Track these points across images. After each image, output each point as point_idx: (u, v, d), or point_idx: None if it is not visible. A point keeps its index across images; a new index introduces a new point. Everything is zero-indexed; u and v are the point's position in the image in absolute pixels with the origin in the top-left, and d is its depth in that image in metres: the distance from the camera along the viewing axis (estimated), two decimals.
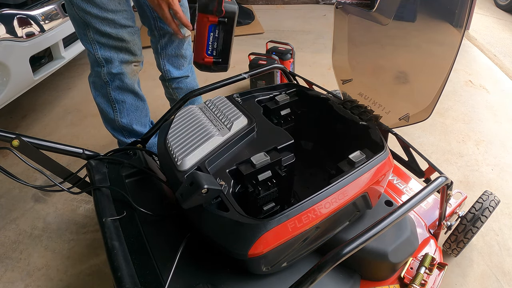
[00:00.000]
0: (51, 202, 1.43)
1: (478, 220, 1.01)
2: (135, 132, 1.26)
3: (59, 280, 1.14)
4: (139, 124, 1.25)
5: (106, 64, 1.10)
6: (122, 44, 1.08)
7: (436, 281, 0.83)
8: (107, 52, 1.08)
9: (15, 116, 1.99)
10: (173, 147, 0.73)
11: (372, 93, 0.94)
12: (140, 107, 1.24)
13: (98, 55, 1.08)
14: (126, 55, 1.11)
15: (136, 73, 1.19)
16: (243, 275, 0.64)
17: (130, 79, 1.16)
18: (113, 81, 1.14)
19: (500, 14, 3.85)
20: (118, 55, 1.09)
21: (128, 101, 1.20)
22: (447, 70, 0.75)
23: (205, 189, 0.55)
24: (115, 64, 1.10)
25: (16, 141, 0.68)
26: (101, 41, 1.06)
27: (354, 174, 0.65)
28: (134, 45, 1.11)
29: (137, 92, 1.21)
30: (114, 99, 1.18)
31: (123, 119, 1.22)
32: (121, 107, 1.20)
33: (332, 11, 1.01)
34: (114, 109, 1.20)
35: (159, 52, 1.29)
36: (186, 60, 1.34)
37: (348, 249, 0.54)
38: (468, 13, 0.72)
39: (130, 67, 1.14)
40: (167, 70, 1.32)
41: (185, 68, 1.36)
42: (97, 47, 1.07)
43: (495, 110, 1.97)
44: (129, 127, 1.24)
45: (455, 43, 0.73)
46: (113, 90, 1.16)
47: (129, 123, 1.23)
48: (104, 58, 1.09)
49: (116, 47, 1.08)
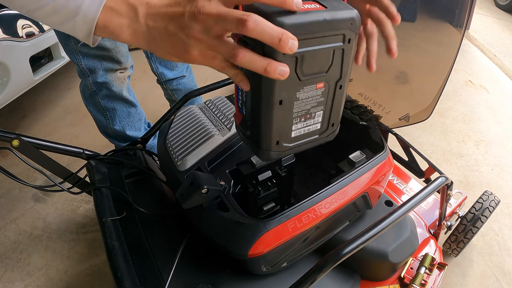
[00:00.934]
0: (51, 202, 1.43)
1: (478, 220, 1.01)
2: (129, 138, 1.24)
3: (59, 280, 1.14)
4: (132, 130, 1.24)
5: (91, 74, 1.08)
6: (104, 52, 1.05)
7: (436, 281, 0.83)
8: (90, 62, 1.06)
9: (15, 116, 1.99)
10: (173, 147, 0.73)
11: (372, 93, 0.94)
12: (132, 113, 1.22)
13: (82, 65, 1.06)
14: (110, 63, 1.08)
15: (124, 79, 1.16)
16: (243, 275, 0.64)
17: (118, 87, 1.14)
18: (100, 90, 1.12)
19: (500, 14, 3.85)
20: (101, 63, 1.07)
21: (119, 108, 1.18)
22: (447, 70, 0.75)
23: (205, 189, 0.55)
24: (99, 73, 1.08)
25: (16, 141, 0.68)
26: (83, 50, 1.03)
27: (354, 174, 0.65)
28: (117, 53, 1.07)
29: (127, 98, 1.19)
30: (104, 107, 1.16)
31: (116, 126, 1.20)
32: (112, 114, 1.18)
33: None
34: (105, 116, 1.18)
35: (149, 56, 1.28)
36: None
37: (348, 249, 0.54)
38: (468, 13, 0.72)
39: (115, 74, 1.12)
40: (161, 73, 1.31)
41: (179, 69, 1.34)
42: (80, 57, 1.05)
43: (495, 110, 1.97)
44: (122, 133, 1.22)
45: (455, 43, 0.73)
46: (102, 99, 1.14)
47: (122, 129, 1.22)
48: (88, 68, 1.06)
49: (99, 56, 1.05)
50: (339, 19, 0.45)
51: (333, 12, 0.44)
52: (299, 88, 0.48)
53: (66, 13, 0.42)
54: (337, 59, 0.48)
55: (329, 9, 0.44)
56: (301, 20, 0.41)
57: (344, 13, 0.45)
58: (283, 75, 0.40)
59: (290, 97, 0.48)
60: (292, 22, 0.41)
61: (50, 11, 0.42)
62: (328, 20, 0.44)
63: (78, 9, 0.42)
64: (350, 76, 0.55)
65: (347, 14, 0.46)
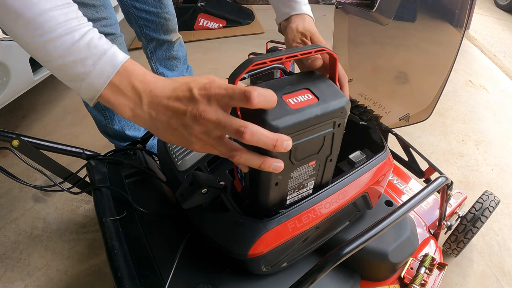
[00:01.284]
0: (51, 202, 1.43)
1: (478, 220, 1.01)
2: (129, 138, 1.24)
3: (59, 280, 1.14)
4: (131, 129, 1.24)
5: None
6: None
7: (436, 281, 0.83)
8: None
9: (15, 116, 1.99)
10: (173, 147, 0.73)
11: (372, 93, 0.94)
12: None
13: None
14: None
15: None
16: (243, 275, 0.64)
17: None
18: None
19: (500, 14, 3.85)
20: None
21: None
22: (447, 70, 0.75)
23: (205, 189, 0.55)
24: None
25: (16, 141, 0.68)
26: None
27: (354, 174, 0.65)
28: None
29: None
30: (103, 107, 1.15)
31: (115, 126, 1.20)
32: (112, 114, 1.18)
33: (332, 11, 1.01)
34: (105, 116, 1.18)
35: (150, 57, 1.28)
36: (180, 61, 1.33)
37: (348, 249, 0.54)
38: (468, 13, 0.72)
39: None
40: (161, 73, 1.31)
41: (179, 69, 1.34)
42: None
43: (495, 110, 1.97)
44: (122, 133, 1.22)
45: (455, 43, 0.73)
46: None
47: (121, 129, 1.21)
48: None
49: None
50: (330, 112, 0.47)
51: (324, 106, 0.47)
52: (293, 169, 0.51)
53: (73, 75, 0.43)
54: (328, 141, 0.51)
55: (321, 101, 0.47)
56: (294, 121, 0.44)
57: (334, 103, 0.48)
58: (278, 170, 0.43)
59: (285, 178, 0.51)
60: (286, 124, 0.43)
61: (57, 67, 0.43)
62: (319, 115, 0.46)
63: (85, 75, 0.42)
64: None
65: (337, 104, 0.48)
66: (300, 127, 0.45)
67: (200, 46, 2.84)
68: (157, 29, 1.21)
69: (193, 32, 3.04)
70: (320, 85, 0.49)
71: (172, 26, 1.25)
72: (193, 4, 3.01)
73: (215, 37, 2.99)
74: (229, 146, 0.42)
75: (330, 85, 0.50)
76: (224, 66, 2.50)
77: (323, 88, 0.49)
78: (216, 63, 2.54)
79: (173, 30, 1.26)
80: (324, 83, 0.50)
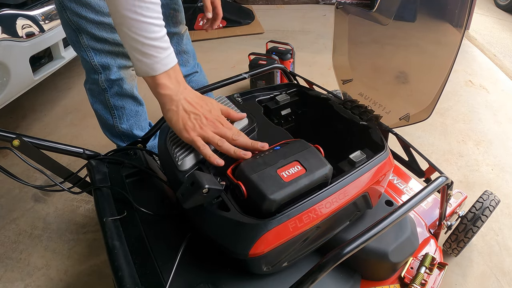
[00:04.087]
0: (51, 202, 1.43)
1: (478, 219, 1.01)
2: (135, 137, 1.22)
3: (59, 280, 1.14)
4: (139, 129, 1.22)
5: (104, 71, 1.05)
6: (119, 49, 1.03)
7: (436, 281, 0.83)
8: (104, 58, 1.03)
9: (15, 116, 1.99)
10: (173, 146, 0.73)
11: (373, 93, 0.94)
12: (139, 112, 1.21)
13: (94, 62, 1.03)
14: (124, 60, 1.06)
15: (135, 77, 1.15)
16: (244, 275, 0.64)
17: (129, 84, 1.12)
18: (111, 88, 1.10)
19: (500, 14, 3.86)
20: (115, 60, 1.05)
21: (128, 107, 1.16)
22: (447, 70, 0.75)
23: (206, 189, 0.55)
24: (113, 70, 1.06)
25: (16, 141, 0.68)
26: (97, 47, 1.01)
27: (354, 174, 0.65)
28: None
29: (136, 96, 1.18)
30: (113, 105, 1.14)
31: (123, 125, 1.18)
32: (120, 113, 1.16)
33: (332, 11, 1.01)
34: (113, 115, 1.17)
35: None
36: (190, 56, 1.32)
37: (349, 249, 0.54)
38: (468, 13, 0.72)
39: (128, 71, 1.10)
40: None
41: (191, 64, 1.33)
42: (92, 54, 1.02)
43: (495, 110, 1.97)
44: (129, 132, 1.21)
45: (455, 43, 0.73)
46: (112, 97, 1.12)
47: (129, 128, 1.20)
48: (101, 64, 1.04)
49: (113, 52, 1.03)
50: (316, 180, 0.61)
51: (311, 176, 0.60)
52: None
53: (149, 55, 0.63)
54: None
55: (308, 172, 0.60)
56: (288, 192, 0.57)
57: (319, 172, 0.61)
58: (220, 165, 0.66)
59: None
60: (281, 197, 0.57)
61: (148, 44, 0.63)
62: (307, 184, 0.60)
63: (156, 59, 0.64)
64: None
65: (322, 172, 0.61)
66: (293, 194, 0.58)
67: (200, 46, 2.84)
68: (167, 22, 1.19)
69: (193, 32, 3.04)
70: (307, 155, 0.63)
71: (181, 18, 1.24)
72: (193, 4, 3.01)
73: (215, 37, 3.00)
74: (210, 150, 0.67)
75: (315, 155, 0.64)
76: (224, 66, 2.50)
77: (309, 159, 0.62)
78: (216, 63, 2.54)
79: (181, 22, 1.25)
80: (310, 153, 0.64)
